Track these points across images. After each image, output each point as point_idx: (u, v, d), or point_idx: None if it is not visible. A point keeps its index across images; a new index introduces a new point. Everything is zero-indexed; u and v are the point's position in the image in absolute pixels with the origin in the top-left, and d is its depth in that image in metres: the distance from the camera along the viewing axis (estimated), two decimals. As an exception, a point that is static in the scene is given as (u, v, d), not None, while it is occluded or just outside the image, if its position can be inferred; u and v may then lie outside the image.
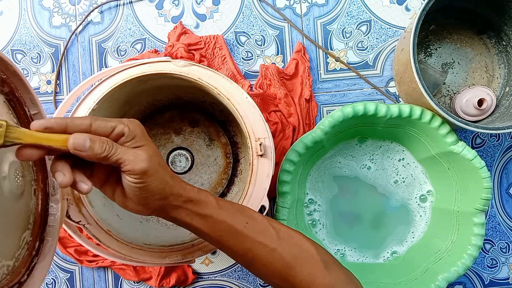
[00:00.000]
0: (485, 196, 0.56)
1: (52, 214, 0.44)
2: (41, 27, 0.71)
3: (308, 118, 0.68)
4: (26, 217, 0.40)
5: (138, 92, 0.57)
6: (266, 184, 0.50)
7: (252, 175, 0.49)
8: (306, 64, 0.68)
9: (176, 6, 0.70)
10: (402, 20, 0.68)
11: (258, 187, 0.49)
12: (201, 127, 0.66)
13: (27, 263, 0.39)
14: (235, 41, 0.70)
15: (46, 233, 0.43)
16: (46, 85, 0.71)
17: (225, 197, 0.66)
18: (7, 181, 0.38)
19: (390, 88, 0.68)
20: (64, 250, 0.68)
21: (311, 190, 0.66)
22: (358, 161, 0.67)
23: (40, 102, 0.43)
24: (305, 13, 0.69)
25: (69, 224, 0.50)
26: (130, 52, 0.70)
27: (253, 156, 0.49)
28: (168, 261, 0.50)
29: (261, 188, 0.50)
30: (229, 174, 0.65)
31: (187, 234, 0.57)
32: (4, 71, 0.38)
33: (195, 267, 0.69)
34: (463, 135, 0.68)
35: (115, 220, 0.54)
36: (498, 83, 0.66)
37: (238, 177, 0.66)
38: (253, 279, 0.69)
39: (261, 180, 0.50)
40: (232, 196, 0.66)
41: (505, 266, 0.68)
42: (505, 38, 0.63)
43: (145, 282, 0.69)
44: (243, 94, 0.51)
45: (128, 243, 0.49)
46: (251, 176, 0.49)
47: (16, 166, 0.40)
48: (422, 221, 0.66)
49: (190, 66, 0.51)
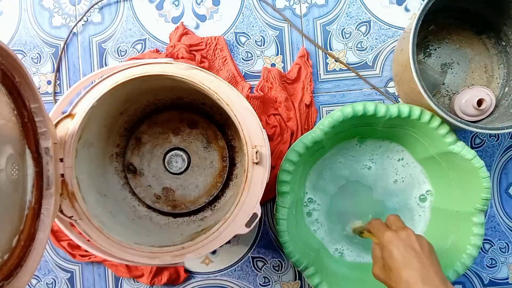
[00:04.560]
0: (484, 196, 0.56)
1: (45, 208, 0.44)
2: (41, 27, 0.71)
3: (307, 123, 0.68)
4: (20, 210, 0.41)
5: (139, 91, 0.57)
6: (260, 192, 0.49)
7: (246, 182, 0.49)
8: (309, 70, 0.68)
9: (176, 6, 0.71)
10: (402, 21, 0.69)
11: (251, 194, 0.49)
12: (199, 129, 0.66)
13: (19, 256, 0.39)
14: (235, 41, 0.70)
15: (38, 226, 0.43)
16: (46, 85, 0.71)
17: (219, 200, 0.66)
18: (3, 174, 0.38)
19: (390, 88, 0.69)
20: (58, 243, 0.69)
21: (311, 190, 0.67)
22: (358, 161, 0.67)
23: (41, 97, 0.43)
24: (305, 14, 0.69)
25: (62, 218, 0.50)
26: (130, 53, 0.70)
27: (248, 163, 0.49)
28: (157, 262, 0.50)
29: (254, 196, 0.49)
30: (224, 177, 0.65)
31: (177, 236, 0.57)
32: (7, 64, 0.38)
33: (195, 266, 0.69)
34: (463, 135, 0.69)
35: (108, 217, 0.54)
36: (497, 83, 0.66)
37: (233, 181, 0.66)
38: (253, 279, 0.69)
39: (254, 188, 0.49)
40: (226, 199, 0.66)
41: (504, 266, 0.68)
42: (505, 38, 0.63)
43: (137, 279, 0.69)
44: (243, 100, 0.51)
45: (118, 242, 0.49)
46: (245, 184, 0.49)
47: (13, 160, 0.40)
48: (421, 221, 0.66)
49: (192, 69, 0.51)
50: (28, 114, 0.42)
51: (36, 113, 0.43)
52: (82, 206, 0.49)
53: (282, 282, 0.69)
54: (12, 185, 0.39)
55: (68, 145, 0.49)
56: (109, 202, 0.59)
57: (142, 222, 0.62)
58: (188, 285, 0.69)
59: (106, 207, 0.56)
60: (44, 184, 0.45)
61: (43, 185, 0.44)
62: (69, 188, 0.49)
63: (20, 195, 0.41)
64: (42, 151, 0.45)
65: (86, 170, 0.54)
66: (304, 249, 0.60)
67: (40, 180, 0.44)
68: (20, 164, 0.41)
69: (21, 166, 0.41)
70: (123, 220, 0.58)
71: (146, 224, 0.63)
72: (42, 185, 0.44)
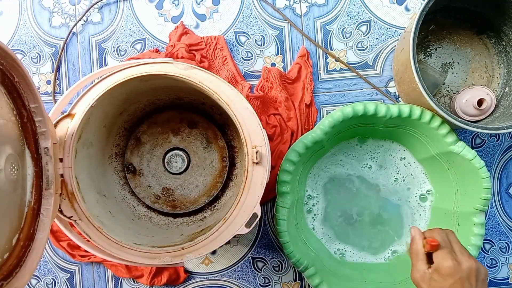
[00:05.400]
0: (484, 196, 0.56)
1: (44, 208, 0.44)
2: (41, 27, 0.71)
3: (307, 123, 0.68)
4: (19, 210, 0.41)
5: (139, 90, 0.57)
6: (260, 192, 0.49)
7: (246, 182, 0.49)
8: (309, 70, 0.68)
9: (176, 6, 0.70)
10: (402, 20, 0.69)
11: (251, 195, 0.49)
12: (199, 129, 0.66)
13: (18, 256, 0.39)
14: (235, 41, 0.70)
15: (38, 226, 0.43)
16: (46, 85, 0.71)
17: (219, 201, 0.66)
18: (2, 174, 0.38)
19: (390, 88, 0.68)
20: (57, 243, 0.69)
21: (311, 190, 0.66)
22: (359, 160, 0.67)
23: (40, 97, 0.43)
24: (305, 13, 0.69)
25: (61, 219, 0.50)
26: (130, 52, 0.70)
27: (248, 164, 0.49)
28: (157, 262, 0.50)
29: (254, 196, 0.49)
30: (224, 177, 0.65)
31: (177, 236, 0.57)
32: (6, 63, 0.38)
33: (195, 267, 0.69)
34: (463, 135, 0.68)
35: (108, 217, 0.54)
36: (497, 83, 0.66)
37: (233, 181, 0.66)
38: (253, 279, 0.69)
39: (254, 188, 0.49)
40: (226, 200, 0.66)
41: (504, 266, 0.68)
42: (505, 38, 0.63)
43: (137, 279, 0.69)
44: (243, 100, 0.51)
45: (118, 242, 0.49)
46: (245, 184, 0.49)
47: (13, 160, 0.40)
48: (421, 221, 0.66)
49: (192, 69, 0.51)
50: (27, 114, 0.42)
51: (35, 113, 0.43)
52: (82, 206, 0.49)
53: (282, 282, 0.68)
54: (11, 185, 0.39)
55: (68, 145, 0.49)
56: (108, 202, 0.59)
57: (141, 222, 0.62)
58: (188, 285, 0.69)
59: (105, 207, 0.56)
60: (44, 184, 0.45)
61: (43, 185, 0.44)
62: (69, 188, 0.49)
63: (19, 195, 0.41)
64: (41, 151, 0.45)
65: (85, 170, 0.54)
66: (304, 250, 0.60)
67: (39, 180, 0.44)
68: (20, 164, 0.41)
69: (20, 166, 0.41)
70: (123, 220, 0.58)
71: (146, 224, 0.63)
72: (41, 185, 0.44)
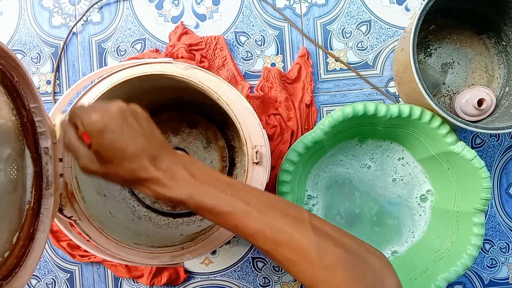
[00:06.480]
0: (484, 196, 0.56)
1: (44, 208, 0.44)
2: (41, 27, 0.71)
3: (307, 123, 0.68)
4: (19, 210, 0.41)
5: (139, 90, 0.57)
6: None
7: (246, 182, 0.49)
8: (309, 70, 0.68)
9: (176, 6, 0.70)
10: (402, 20, 0.69)
11: None
12: (199, 129, 0.66)
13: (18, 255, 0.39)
14: (235, 41, 0.70)
15: (38, 226, 0.43)
16: (46, 85, 0.71)
17: None
18: (2, 174, 0.38)
19: (390, 88, 0.68)
20: (57, 243, 0.68)
21: (311, 190, 0.66)
22: (358, 160, 0.67)
23: (40, 96, 0.43)
24: (305, 13, 0.69)
25: (61, 219, 0.50)
26: (130, 52, 0.70)
27: (248, 163, 0.49)
28: (157, 262, 0.50)
29: None
30: None
31: (177, 236, 0.56)
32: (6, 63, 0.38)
33: (195, 267, 0.69)
34: (463, 135, 0.68)
35: (107, 217, 0.54)
36: (497, 83, 0.66)
37: (233, 182, 0.66)
38: (253, 279, 0.69)
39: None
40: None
41: (504, 266, 0.68)
42: (505, 38, 0.63)
43: (137, 279, 0.69)
44: (243, 100, 0.51)
45: (118, 242, 0.49)
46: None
47: (12, 160, 0.40)
48: (421, 221, 0.66)
49: (192, 69, 0.51)
50: (27, 114, 0.42)
51: (35, 113, 0.43)
52: (82, 206, 0.49)
53: (282, 282, 0.68)
54: (11, 185, 0.39)
55: (68, 145, 0.49)
56: (108, 202, 0.59)
57: (141, 222, 0.62)
58: (188, 285, 0.69)
59: (105, 207, 0.56)
60: (44, 184, 0.44)
61: (42, 185, 0.44)
62: (69, 188, 0.49)
63: (19, 195, 0.41)
64: (41, 151, 0.45)
65: (85, 170, 0.54)
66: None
67: (39, 180, 0.44)
68: (19, 164, 0.41)
69: (20, 166, 0.41)
70: (123, 220, 0.58)
71: (146, 224, 0.63)
72: (41, 185, 0.44)
